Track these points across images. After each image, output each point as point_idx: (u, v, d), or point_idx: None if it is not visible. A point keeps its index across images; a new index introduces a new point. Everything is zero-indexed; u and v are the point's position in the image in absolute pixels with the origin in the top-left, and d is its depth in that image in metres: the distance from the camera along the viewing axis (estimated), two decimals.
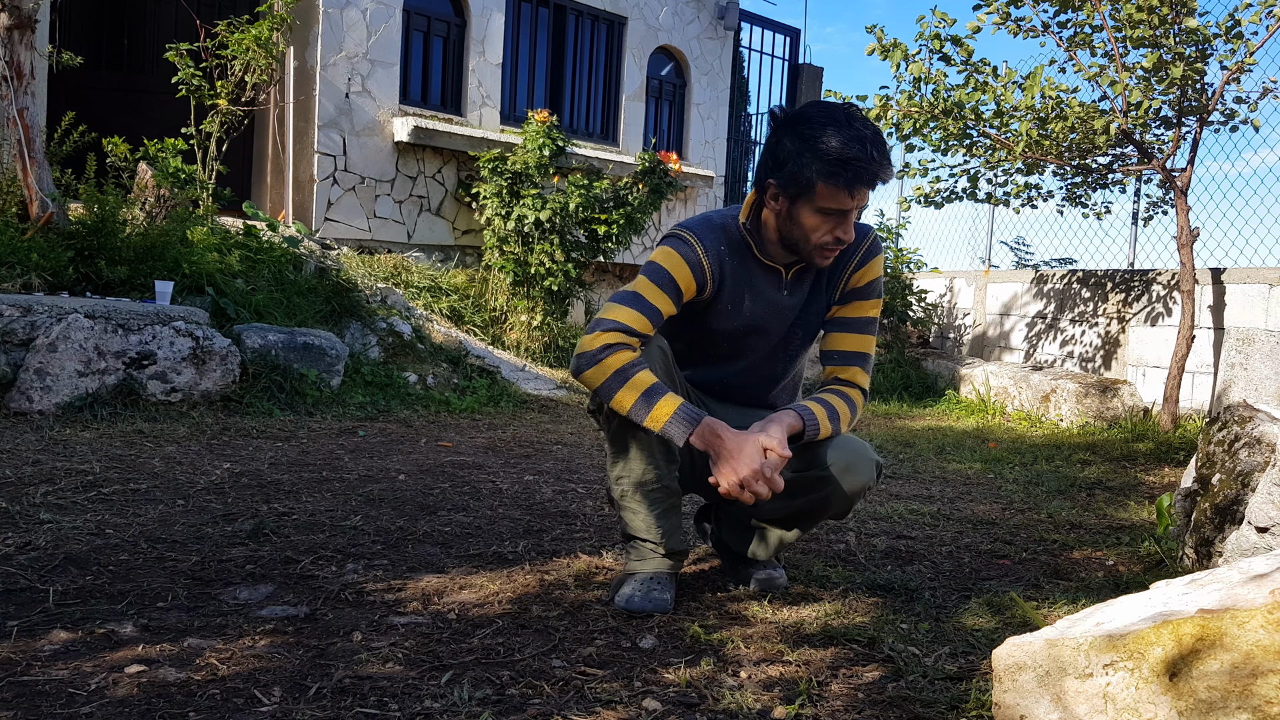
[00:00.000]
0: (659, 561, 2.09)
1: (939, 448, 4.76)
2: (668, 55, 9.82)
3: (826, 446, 2.03)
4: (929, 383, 7.18)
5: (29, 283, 4.43)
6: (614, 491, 2.11)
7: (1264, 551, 2.07)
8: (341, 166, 7.28)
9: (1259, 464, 2.35)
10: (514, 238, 7.11)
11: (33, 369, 3.87)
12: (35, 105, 5.01)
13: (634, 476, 2.05)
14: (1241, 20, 5.04)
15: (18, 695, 1.47)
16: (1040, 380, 6.20)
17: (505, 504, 3.02)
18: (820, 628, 1.95)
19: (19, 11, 4.80)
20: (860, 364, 2.13)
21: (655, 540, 2.07)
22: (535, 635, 1.85)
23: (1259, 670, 1.19)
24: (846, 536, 2.80)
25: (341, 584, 2.10)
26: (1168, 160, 5.58)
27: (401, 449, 3.90)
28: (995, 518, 3.20)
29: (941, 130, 5.74)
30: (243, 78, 6.61)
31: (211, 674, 1.58)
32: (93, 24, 7.64)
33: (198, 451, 3.51)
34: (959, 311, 8.05)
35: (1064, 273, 7.09)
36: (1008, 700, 1.39)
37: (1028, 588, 2.35)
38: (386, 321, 5.79)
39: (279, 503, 2.83)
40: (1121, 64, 5.28)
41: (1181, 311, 5.38)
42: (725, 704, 1.57)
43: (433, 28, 8.00)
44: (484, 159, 7.28)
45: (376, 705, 1.50)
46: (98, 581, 2.02)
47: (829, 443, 2.03)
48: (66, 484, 2.83)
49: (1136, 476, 4.21)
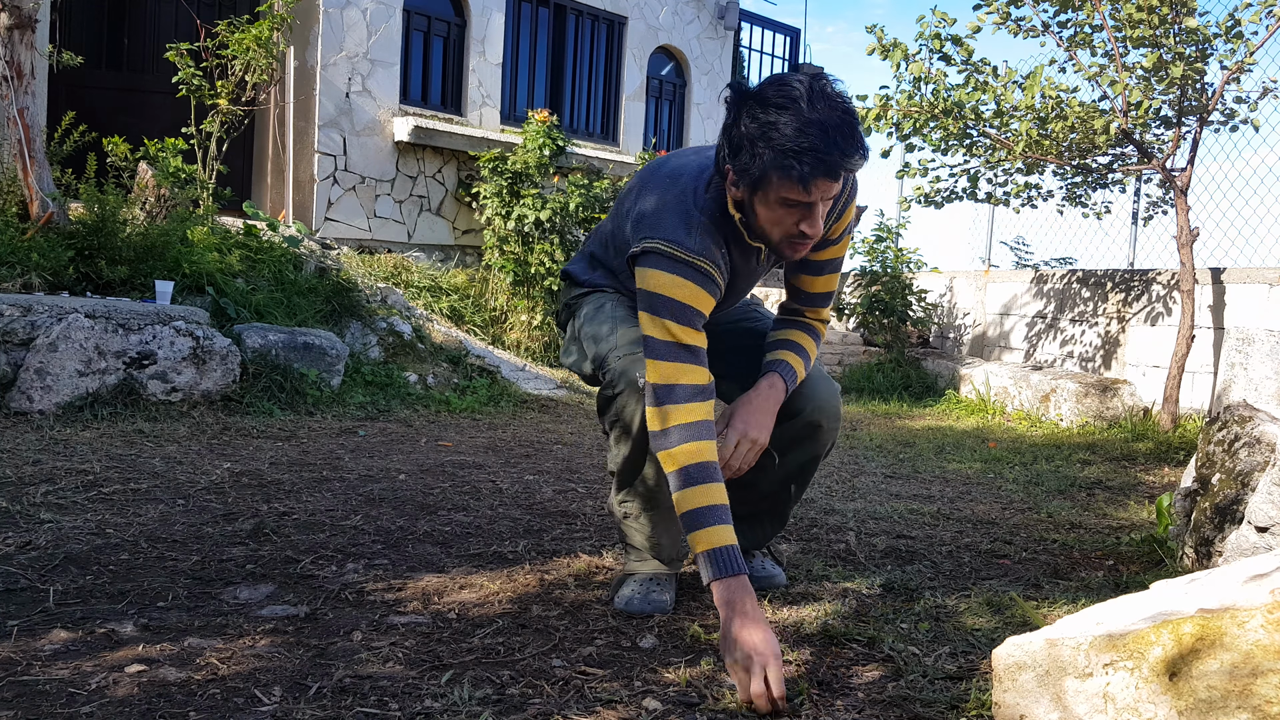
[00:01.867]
0: (658, 564, 2.09)
1: (939, 447, 4.76)
2: (668, 55, 9.82)
3: (798, 392, 2.05)
4: (929, 382, 7.18)
5: (29, 282, 4.44)
6: (618, 511, 2.10)
7: (1264, 551, 2.07)
8: (342, 166, 7.28)
9: (1259, 464, 2.35)
10: (514, 237, 7.12)
11: (33, 369, 3.87)
12: (35, 105, 5.01)
13: (641, 504, 2.05)
14: (1241, 20, 5.04)
15: (18, 695, 1.47)
16: (1040, 380, 6.20)
17: (505, 504, 3.02)
18: (820, 628, 1.95)
19: (19, 11, 4.80)
20: (829, 302, 2.13)
21: (655, 545, 2.08)
22: (535, 635, 1.85)
23: (1259, 670, 1.19)
24: (846, 536, 2.80)
25: (342, 583, 2.10)
26: (1168, 160, 5.58)
27: (402, 449, 3.90)
28: (995, 518, 3.20)
29: (941, 130, 5.74)
30: (243, 77, 6.61)
31: (212, 673, 1.58)
32: (93, 24, 7.63)
33: (198, 451, 3.51)
34: (959, 311, 8.05)
35: (1064, 272, 7.09)
36: (1008, 700, 1.39)
37: (1028, 588, 2.35)
38: (387, 321, 5.79)
39: (279, 502, 2.83)
40: (1121, 64, 5.28)
41: (1181, 311, 5.38)
42: (725, 704, 1.57)
43: (433, 27, 8.01)
44: (484, 159, 7.28)
45: (377, 705, 1.50)
46: (98, 581, 2.02)
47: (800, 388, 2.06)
48: (67, 484, 2.83)
49: (1136, 476, 4.21)
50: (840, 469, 4.02)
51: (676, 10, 9.69)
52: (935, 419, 6.01)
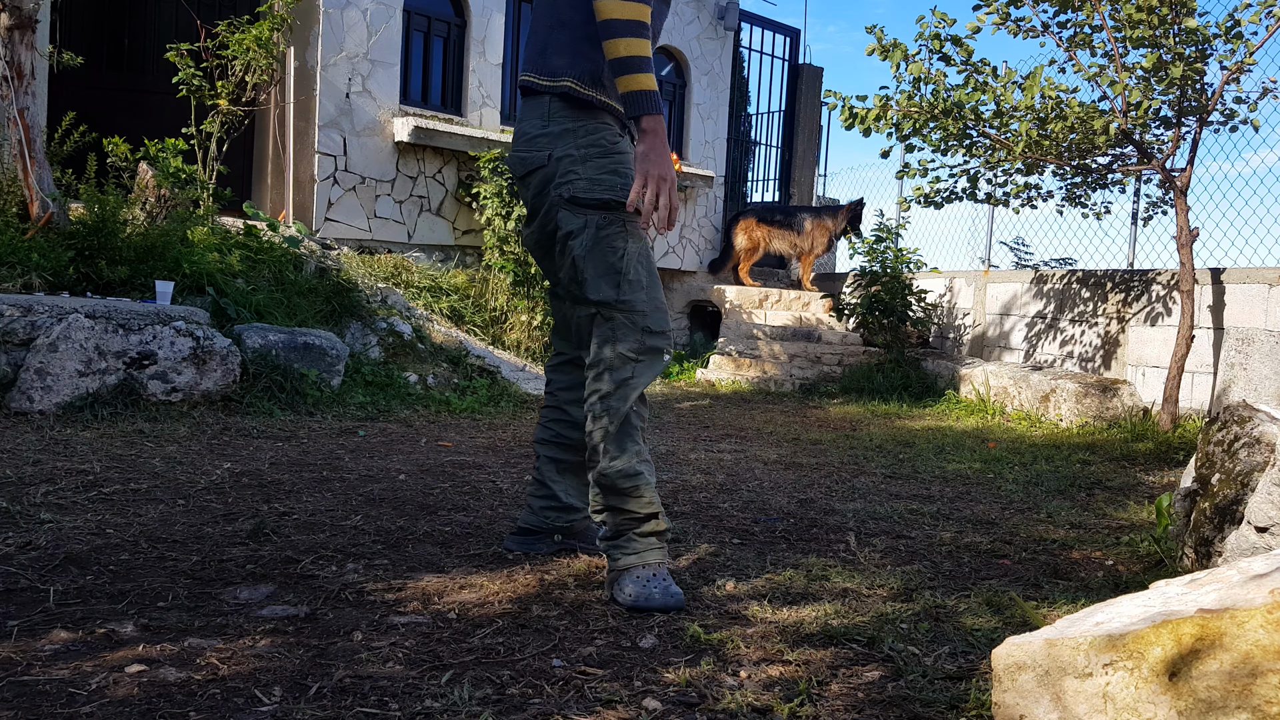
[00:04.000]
0: (660, 552, 2.10)
1: (939, 448, 4.76)
2: (667, 55, 9.81)
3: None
4: (929, 383, 7.18)
5: (29, 283, 4.44)
6: (623, 484, 2.08)
7: (1263, 551, 2.07)
8: (342, 166, 7.28)
9: (1259, 464, 2.35)
10: (514, 238, 7.12)
11: (33, 369, 3.87)
12: (36, 105, 5.01)
13: (645, 452, 2.12)
14: (1241, 20, 5.04)
15: (18, 695, 1.47)
16: (1040, 380, 6.20)
17: (505, 504, 3.02)
18: (820, 628, 1.95)
19: (19, 11, 4.80)
20: None
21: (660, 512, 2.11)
22: (535, 635, 1.85)
23: (1258, 670, 1.19)
24: (846, 536, 2.80)
25: (342, 584, 2.10)
26: (1167, 160, 5.58)
27: (402, 449, 3.90)
28: (995, 518, 3.20)
29: (941, 130, 5.74)
30: (243, 78, 6.61)
31: (212, 674, 1.58)
32: (93, 24, 7.64)
33: (198, 451, 3.51)
34: (959, 311, 8.05)
35: (1063, 273, 7.09)
36: (1007, 700, 1.39)
37: (1028, 588, 2.36)
38: (387, 321, 5.79)
39: (279, 502, 2.83)
40: (1121, 64, 5.28)
41: (1181, 311, 5.39)
42: (725, 704, 1.57)
43: (433, 28, 8.00)
44: (484, 159, 7.28)
45: (377, 705, 1.50)
46: (98, 581, 2.02)
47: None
48: (67, 484, 2.83)
49: (1136, 476, 4.21)
50: (840, 469, 4.03)
51: (676, 10, 9.69)
52: (935, 419, 6.01)
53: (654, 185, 2.00)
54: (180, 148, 5.59)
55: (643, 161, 2.01)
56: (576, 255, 2.11)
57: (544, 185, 2.16)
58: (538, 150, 2.15)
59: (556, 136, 2.13)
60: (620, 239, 2.11)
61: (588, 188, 2.10)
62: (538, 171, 2.16)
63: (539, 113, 2.16)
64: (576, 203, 2.10)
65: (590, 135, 2.12)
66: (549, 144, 2.13)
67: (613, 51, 1.98)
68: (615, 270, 2.09)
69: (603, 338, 2.11)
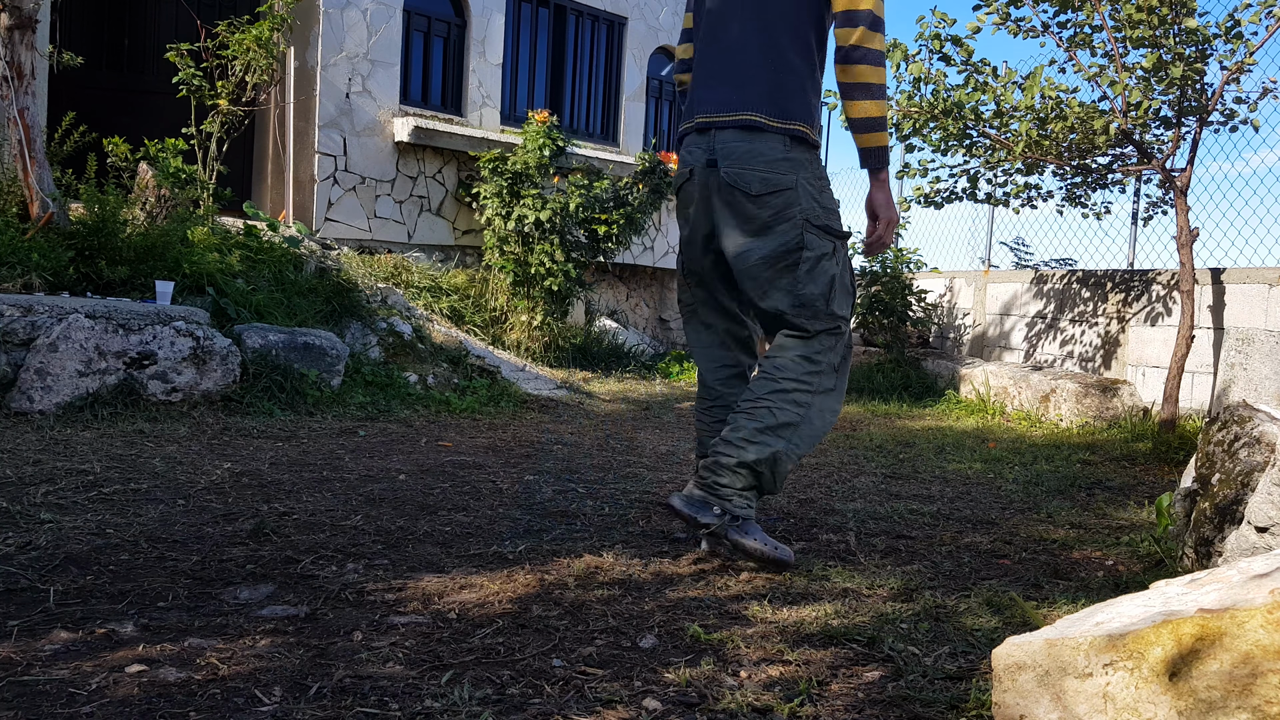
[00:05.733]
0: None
1: (939, 448, 4.76)
2: (668, 55, 9.82)
3: None
4: (929, 383, 7.18)
5: (29, 283, 4.44)
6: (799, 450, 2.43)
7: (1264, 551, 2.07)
8: (342, 166, 7.28)
9: (1259, 464, 2.35)
10: (514, 238, 7.12)
11: (33, 369, 3.87)
12: (36, 105, 5.01)
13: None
14: (1241, 20, 5.04)
15: (18, 695, 1.47)
16: (1040, 380, 6.20)
17: (505, 504, 3.02)
18: (820, 628, 1.95)
19: (19, 11, 4.80)
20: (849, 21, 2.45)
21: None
22: (535, 635, 1.85)
23: (1259, 670, 1.19)
24: (846, 536, 2.80)
25: (342, 584, 2.10)
26: (1167, 160, 5.58)
27: (402, 449, 3.90)
28: (995, 518, 3.20)
29: (941, 130, 5.74)
30: (243, 78, 6.61)
31: (212, 674, 1.58)
32: (93, 24, 7.64)
33: (198, 451, 3.51)
34: (959, 311, 8.05)
35: (1064, 273, 7.09)
36: (1007, 700, 1.39)
37: (1028, 588, 2.36)
38: (387, 321, 5.79)
39: (279, 502, 2.83)
40: (1121, 64, 5.28)
41: (1181, 311, 5.38)
42: (725, 704, 1.57)
43: (433, 28, 8.01)
44: (484, 159, 7.28)
45: (377, 705, 1.50)
46: (98, 581, 2.02)
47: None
48: (67, 484, 2.83)
49: (1136, 476, 4.21)
50: (840, 469, 4.03)
51: (677, 11, 9.69)
52: (935, 419, 6.01)
53: (887, 227, 2.47)
54: (180, 148, 5.59)
55: (886, 208, 2.46)
56: (834, 275, 2.43)
57: (786, 206, 2.39)
58: (782, 174, 2.39)
59: (798, 164, 2.40)
60: (849, 266, 2.50)
61: (826, 216, 2.42)
62: (784, 192, 2.39)
63: (776, 143, 2.41)
64: (827, 230, 2.41)
65: (816, 168, 2.44)
66: (791, 169, 2.39)
67: (864, 111, 2.37)
68: (849, 291, 2.47)
69: (826, 346, 2.44)
